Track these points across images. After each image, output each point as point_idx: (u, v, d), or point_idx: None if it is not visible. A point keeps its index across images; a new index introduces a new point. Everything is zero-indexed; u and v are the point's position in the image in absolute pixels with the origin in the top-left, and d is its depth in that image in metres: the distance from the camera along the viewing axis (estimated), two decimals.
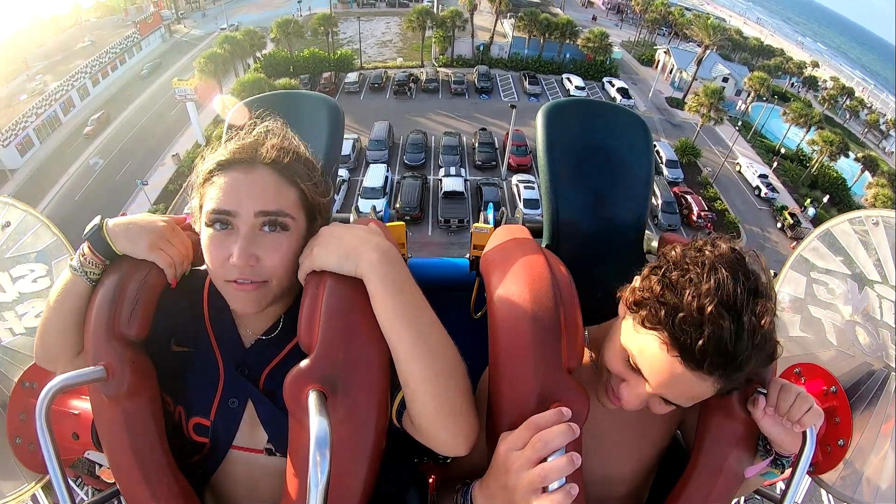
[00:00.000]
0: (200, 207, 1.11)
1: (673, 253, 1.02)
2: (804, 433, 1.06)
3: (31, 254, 1.53)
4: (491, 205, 2.12)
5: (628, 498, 1.33)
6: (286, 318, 1.18)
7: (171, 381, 1.14)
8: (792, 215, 30.56)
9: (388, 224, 1.51)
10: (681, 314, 0.92)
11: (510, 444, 0.97)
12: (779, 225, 30.68)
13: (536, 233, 1.44)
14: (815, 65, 55.90)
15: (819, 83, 52.42)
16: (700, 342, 0.90)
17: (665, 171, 32.66)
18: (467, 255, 1.76)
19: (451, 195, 27.83)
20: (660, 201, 28.73)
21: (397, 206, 26.87)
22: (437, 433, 1.03)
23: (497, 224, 1.76)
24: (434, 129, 35.38)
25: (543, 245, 1.41)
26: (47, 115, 34.87)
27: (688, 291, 0.93)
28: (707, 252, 0.98)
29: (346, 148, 31.61)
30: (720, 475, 1.13)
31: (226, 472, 1.17)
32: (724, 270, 0.93)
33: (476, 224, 1.71)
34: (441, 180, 29.07)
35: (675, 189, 30.65)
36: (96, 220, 1.11)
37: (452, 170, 29.92)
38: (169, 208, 27.68)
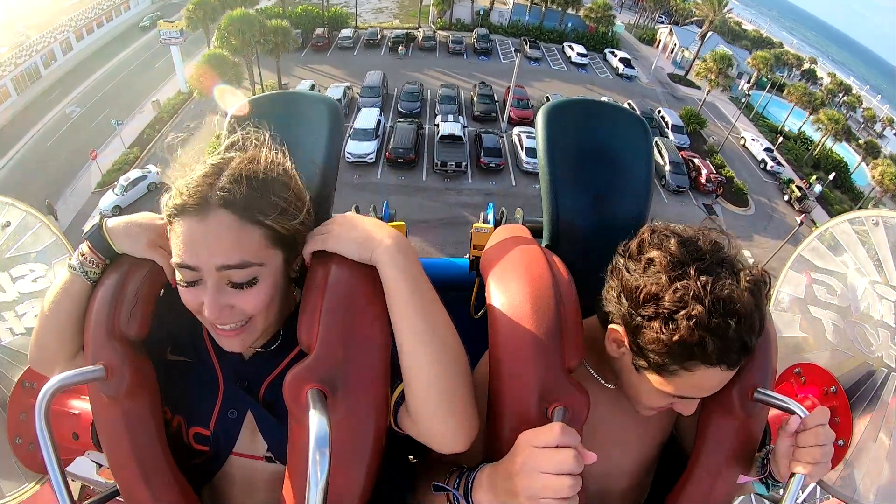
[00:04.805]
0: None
1: (651, 289, 0.97)
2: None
3: (31, 254, 1.52)
4: (491, 205, 2.11)
5: (630, 492, 1.34)
6: (285, 330, 1.16)
7: (168, 391, 1.13)
8: (799, 188, 30.30)
9: (388, 224, 1.50)
10: (715, 339, 0.91)
11: (532, 439, 0.93)
12: (786, 198, 30.39)
13: (536, 233, 1.43)
14: (814, 61, 54.78)
15: (817, 79, 51.48)
16: (745, 338, 0.93)
17: (671, 135, 31.75)
18: (467, 255, 1.76)
19: (449, 139, 26.37)
20: (667, 162, 27.74)
21: (390, 147, 25.47)
22: (437, 426, 1.02)
23: (497, 224, 1.75)
24: (431, 84, 33.91)
25: (543, 245, 1.40)
26: (27, 67, 33.48)
27: (698, 317, 0.91)
28: (677, 273, 0.95)
29: (337, 93, 29.74)
30: (720, 474, 1.14)
31: (225, 476, 1.17)
32: (703, 275, 0.93)
33: (476, 224, 1.71)
34: (438, 125, 27.74)
35: (682, 153, 29.78)
36: (96, 219, 1.09)
37: (450, 117, 28.55)
38: (143, 152, 27.07)
